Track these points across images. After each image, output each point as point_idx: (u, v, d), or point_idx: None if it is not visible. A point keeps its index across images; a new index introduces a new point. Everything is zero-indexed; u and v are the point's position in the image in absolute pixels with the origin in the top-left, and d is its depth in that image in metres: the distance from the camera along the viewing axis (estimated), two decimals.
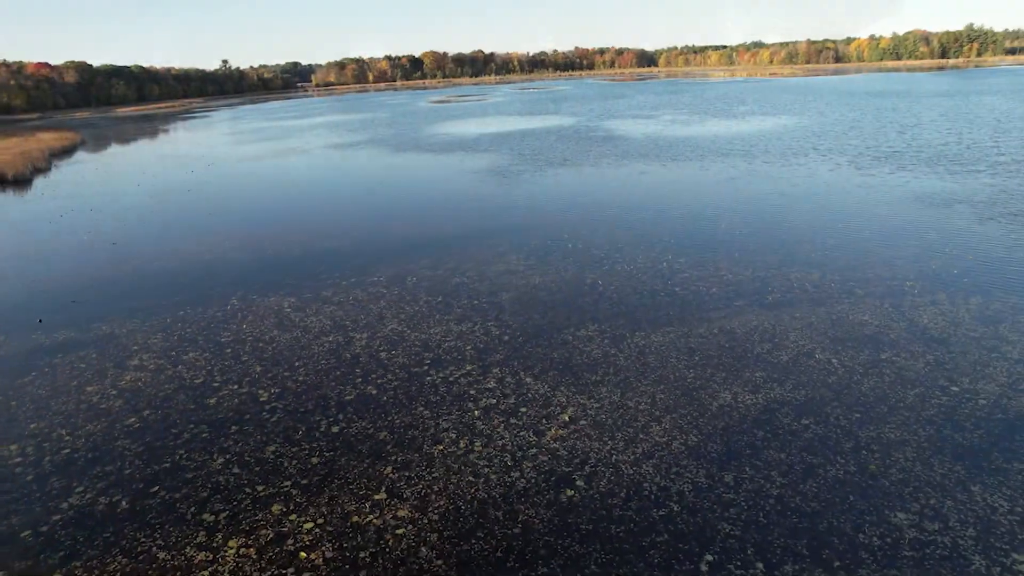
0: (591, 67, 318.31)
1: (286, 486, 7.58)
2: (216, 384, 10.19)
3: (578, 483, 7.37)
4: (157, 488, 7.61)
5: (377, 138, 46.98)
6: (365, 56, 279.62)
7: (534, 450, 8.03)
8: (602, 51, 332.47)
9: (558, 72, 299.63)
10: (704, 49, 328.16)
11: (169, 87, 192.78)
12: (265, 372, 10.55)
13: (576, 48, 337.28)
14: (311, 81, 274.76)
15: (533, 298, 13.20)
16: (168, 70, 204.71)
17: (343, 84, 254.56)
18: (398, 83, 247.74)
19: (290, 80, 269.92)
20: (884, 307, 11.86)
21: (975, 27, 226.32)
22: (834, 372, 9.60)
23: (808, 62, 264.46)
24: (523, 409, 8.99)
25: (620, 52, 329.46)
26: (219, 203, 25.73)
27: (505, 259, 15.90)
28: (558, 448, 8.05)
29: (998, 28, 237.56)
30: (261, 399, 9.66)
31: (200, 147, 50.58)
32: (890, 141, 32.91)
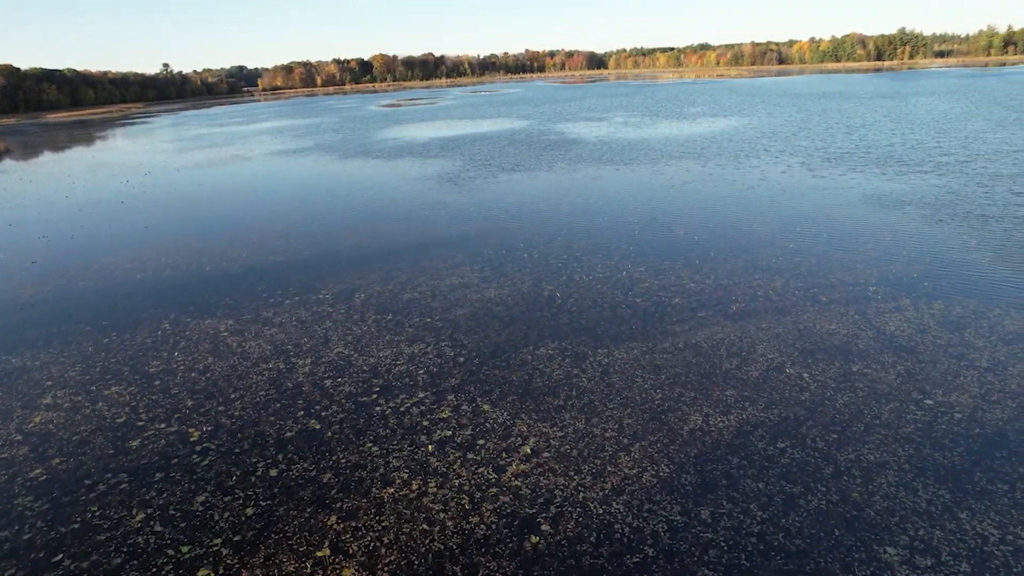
0: (542, 69, 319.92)
1: (215, 545, 6.69)
2: (141, 423, 9.17)
3: (543, 527, 6.70)
4: (60, 556, 6.62)
5: (324, 144, 45.60)
6: (313, 60, 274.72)
7: (494, 490, 7.33)
8: (552, 53, 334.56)
9: (509, 74, 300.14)
10: (653, 51, 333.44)
11: (106, 92, 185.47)
12: (197, 407, 9.57)
13: (527, 50, 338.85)
14: (257, 85, 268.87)
15: (489, 314, 12.50)
16: (105, 74, 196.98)
17: (291, 88, 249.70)
18: (347, 87, 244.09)
19: (236, 85, 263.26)
20: (850, 315, 11.57)
21: (907, 31, 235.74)
22: (806, 388, 9.17)
23: (753, 63, 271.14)
24: (481, 441, 8.28)
25: (570, 54, 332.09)
26: (154, 215, 24.25)
27: (458, 271, 15.16)
28: (520, 486, 7.36)
29: (927, 32, 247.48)
30: (191, 439, 8.70)
31: (137, 155, 48.29)
32: (838, 142, 33.37)
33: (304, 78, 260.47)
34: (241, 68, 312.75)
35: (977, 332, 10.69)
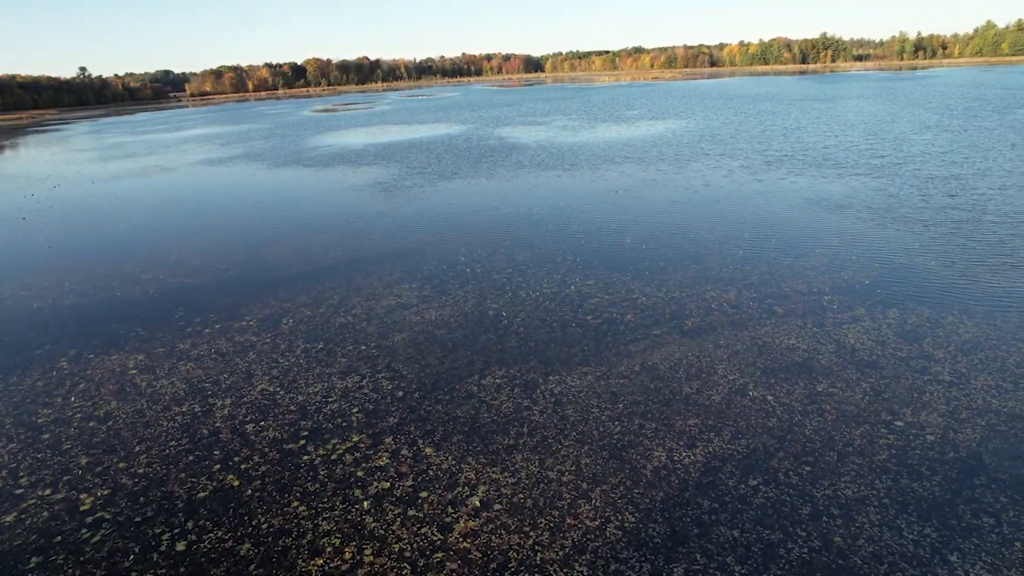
0: (479, 73, 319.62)
1: None
2: (20, 491, 7.83)
3: None
4: None
5: (253, 152, 43.51)
6: (244, 64, 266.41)
7: (440, 554, 6.40)
8: (489, 57, 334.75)
9: (446, 78, 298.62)
10: (588, 54, 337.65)
11: (15, 97, 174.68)
12: (93, 465, 8.28)
13: (464, 54, 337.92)
14: (185, 91, 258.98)
15: (430, 338, 11.54)
16: (13, 77, 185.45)
17: (221, 93, 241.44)
18: (280, 92, 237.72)
19: (161, 90, 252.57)
20: (808, 327, 11.13)
21: (828, 36, 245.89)
22: (772, 413, 8.59)
23: (686, 66, 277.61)
24: (424, 494, 7.33)
25: (507, 58, 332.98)
26: (60, 233, 22.21)
27: (396, 290, 14.13)
28: (469, 548, 6.45)
29: (846, 37, 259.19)
30: (83, 508, 7.44)
31: (47, 165, 44.99)
32: (776, 145, 33.74)
33: (235, 83, 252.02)
34: (167, 72, 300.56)
35: (935, 342, 10.39)
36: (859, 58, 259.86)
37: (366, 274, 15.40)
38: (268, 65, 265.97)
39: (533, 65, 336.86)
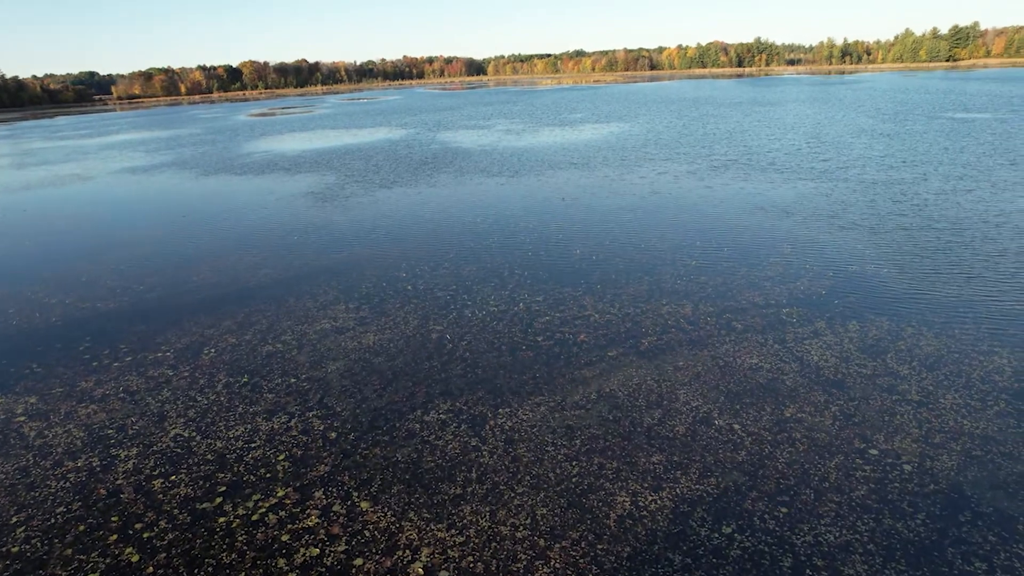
0: (421, 76, 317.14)
1: None
2: None
3: None
4: None
5: (182, 159, 41.21)
6: (176, 66, 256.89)
7: None
8: (431, 60, 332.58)
9: (387, 81, 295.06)
10: (531, 57, 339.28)
11: None
12: None
13: (405, 57, 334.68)
14: (112, 93, 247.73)
15: (368, 367, 10.52)
16: None
17: (151, 97, 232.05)
18: (215, 95, 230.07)
19: (85, 92, 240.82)
20: (769, 344, 10.60)
21: (762, 40, 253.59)
22: (741, 445, 7.94)
23: (627, 69, 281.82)
24: (359, 561, 6.36)
25: (449, 60, 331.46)
26: None
27: (331, 312, 13.03)
28: None
29: (779, 42, 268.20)
30: None
31: None
32: (721, 149, 33.81)
33: (166, 86, 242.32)
34: (92, 74, 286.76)
35: (898, 357, 10.00)
36: (791, 62, 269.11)
37: (299, 294, 14.23)
38: (202, 67, 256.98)
39: (475, 68, 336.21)
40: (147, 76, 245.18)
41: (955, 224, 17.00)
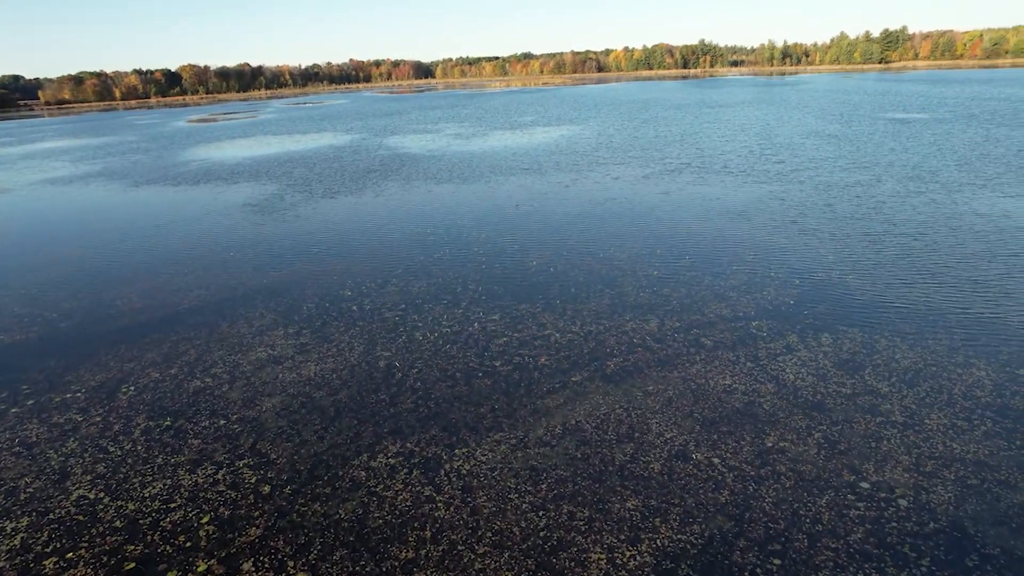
0: (368, 79, 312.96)
1: None
2: None
3: None
4: None
5: (112, 169, 38.85)
6: (109, 70, 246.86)
7: None
8: (378, 63, 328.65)
9: (334, 85, 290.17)
10: (479, 60, 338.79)
11: None
12: None
13: (351, 60, 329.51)
14: (39, 98, 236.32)
15: (307, 404, 9.46)
16: None
17: (83, 102, 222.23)
18: (153, 100, 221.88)
19: (9, 97, 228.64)
20: (742, 362, 9.96)
21: (706, 42, 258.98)
22: (723, 483, 7.22)
23: (574, 71, 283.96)
24: None
25: (396, 64, 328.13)
26: None
27: (268, 339, 11.88)
28: None
29: (722, 44, 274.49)
30: None
31: None
32: (674, 152, 33.57)
33: (99, 91, 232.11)
34: (17, 78, 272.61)
35: (876, 373, 9.48)
36: (734, 63, 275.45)
37: (233, 318, 13.01)
38: (138, 71, 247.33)
39: (423, 71, 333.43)
40: (78, 80, 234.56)
41: (915, 227, 16.83)
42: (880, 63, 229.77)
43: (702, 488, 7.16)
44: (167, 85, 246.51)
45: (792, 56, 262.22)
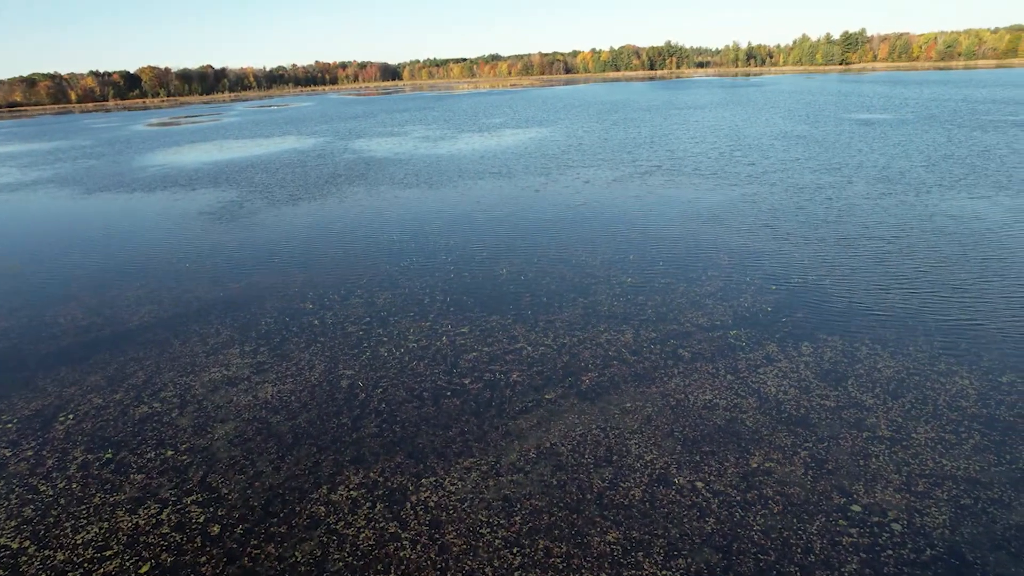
0: (334, 82, 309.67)
1: None
2: None
3: None
4: None
5: (63, 175, 37.31)
6: (64, 71, 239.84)
7: None
8: (344, 65, 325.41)
9: (299, 87, 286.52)
10: (446, 62, 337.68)
11: None
12: None
13: (317, 62, 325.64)
14: None
15: (264, 430, 8.80)
16: None
17: (36, 104, 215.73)
18: (111, 103, 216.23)
19: None
20: (722, 375, 9.58)
21: (672, 44, 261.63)
22: (708, 510, 6.78)
23: (542, 73, 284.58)
24: None
25: (363, 66, 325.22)
26: None
27: (223, 357, 11.16)
28: None
29: (688, 45, 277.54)
30: None
31: None
32: (645, 154, 33.38)
33: (53, 93, 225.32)
34: None
35: (859, 384, 9.17)
36: (700, 65, 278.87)
37: (186, 336, 12.24)
38: (95, 73, 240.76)
39: (390, 73, 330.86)
40: (30, 82, 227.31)
41: (889, 230, 16.74)
42: (841, 64, 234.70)
43: (686, 516, 6.71)
44: (126, 87, 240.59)
45: (756, 57, 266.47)
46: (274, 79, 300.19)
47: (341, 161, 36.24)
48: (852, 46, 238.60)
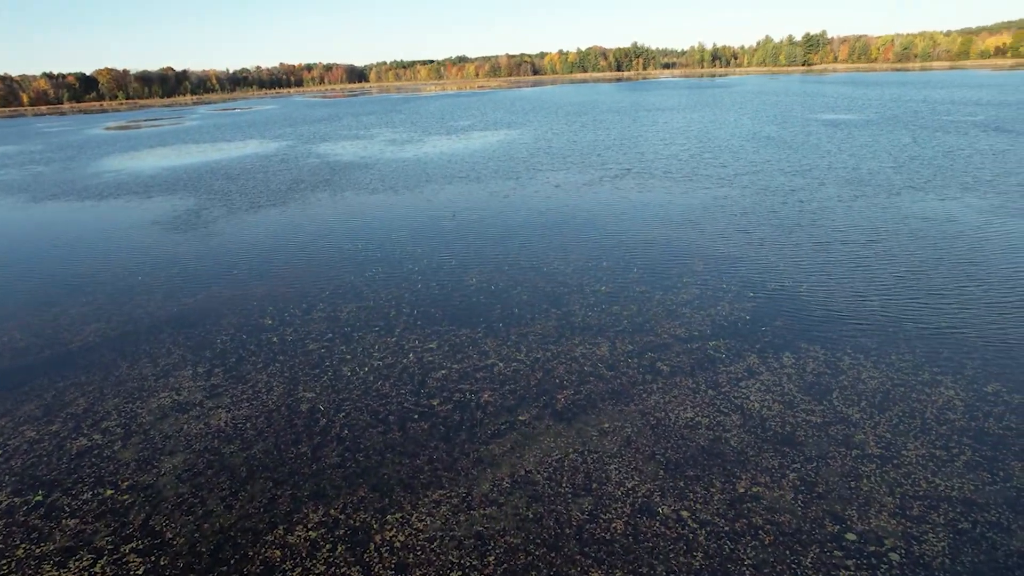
0: (299, 84, 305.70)
1: None
2: None
3: None
4: None
5: (9, 181, 35.66)
6: (15, 73, 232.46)
7: None
8: (310, 67, 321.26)
9: (264, 90, 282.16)
10: (413, 63, 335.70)
11: None
12: None
13: (282, 64, 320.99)
14: None
15: (216, 462, 8.12)
16: None
17: None
18: (66, 106, 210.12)
19: None
20: (703, 390, 9.16)
21: (639, 45, 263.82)
22: (695, 543, 6.32)
23: (510, 74, 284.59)
24: None
25: (329, 68, 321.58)
26: None
27: (174, 380, 10.41)
28: None
29: (654, 46, 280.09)
30: None
31: None
32: (615, 156, 33.11)
33: (3, 95, 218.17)
34: None
35: (844, 397, 8.83)
36: (667, 66, 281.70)
37: (135, 356, 11.45)
38: (48, 76, 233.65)
39: (357, 75, 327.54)
40: None
41: (864, 234, 16.59)
42: (803, 65, 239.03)
43: (672, 551, 6.25)
44: (82, 90, 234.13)
45: (721, 58, 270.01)
46: (238, 81, 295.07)
47: (305, 166, 35.29)
48: (814, 47, 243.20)
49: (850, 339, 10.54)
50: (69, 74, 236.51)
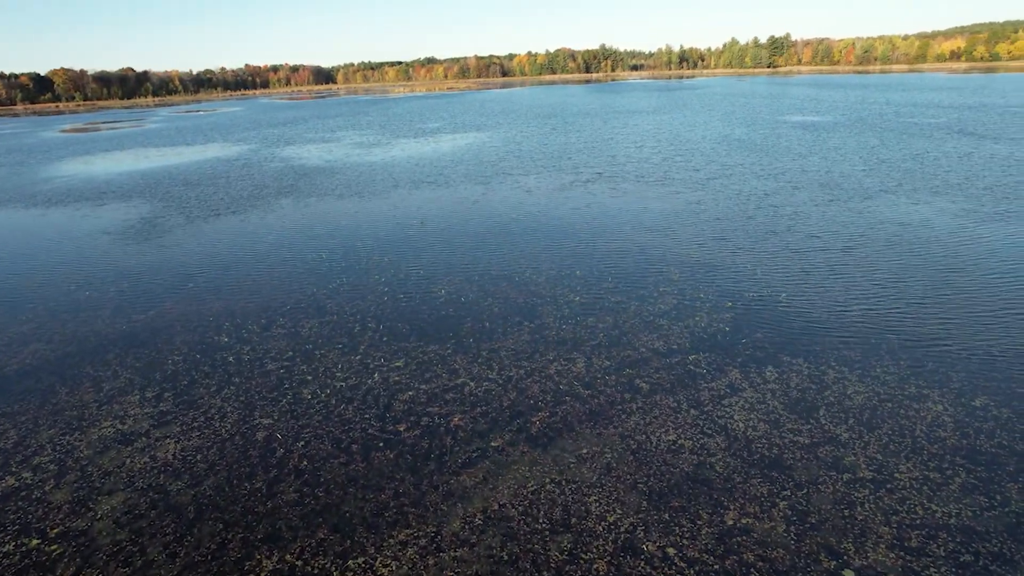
0: (265, 85, 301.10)
1: None
2: None
3: None
4: None
5: None
6: None
7: None
8: (276, 68, 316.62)
9: (228, 92, 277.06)
10: (381, 65, 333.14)
11: None
12: None
13: (247, 66, 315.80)
14: None
15: (160, 503, 7.41)
16: None
17: None
18: (19, 107, 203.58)
19: None
20: (684, 409, 8.71)
21: (607, 47, 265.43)
22: None
23: (479, 76, 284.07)
24: None
25: (295, 69, 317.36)
26: None
27: (118, 407, 9.63)
28: None
29: (622, 48, 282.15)
30: None
31: None
32: (586, 160, 32.77)
33: None
34: None
35: (831, 414, 8.46)
36: (635, 67, 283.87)
37: (76, 380, 10.61)
38: None
39: (324, 76, 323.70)
40: None
41: (842, 240, 16.40)
42: (768, 67, 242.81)
43: None
44: (36, 91, 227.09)
45: (689, 60, 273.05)
46: (201, 83, 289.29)
47: (268, 171, 34.25)
48: (778, 50, 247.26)
49: (833, 351, 10.20)
50: (22, 74, 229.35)
